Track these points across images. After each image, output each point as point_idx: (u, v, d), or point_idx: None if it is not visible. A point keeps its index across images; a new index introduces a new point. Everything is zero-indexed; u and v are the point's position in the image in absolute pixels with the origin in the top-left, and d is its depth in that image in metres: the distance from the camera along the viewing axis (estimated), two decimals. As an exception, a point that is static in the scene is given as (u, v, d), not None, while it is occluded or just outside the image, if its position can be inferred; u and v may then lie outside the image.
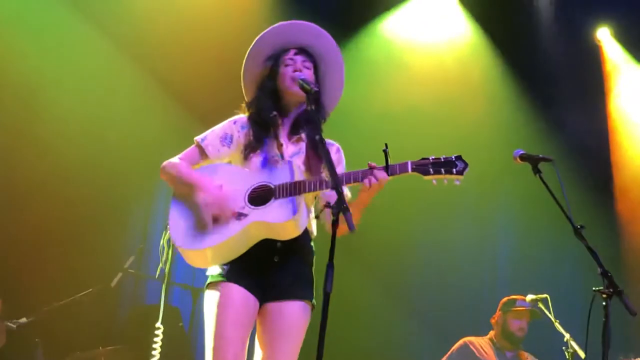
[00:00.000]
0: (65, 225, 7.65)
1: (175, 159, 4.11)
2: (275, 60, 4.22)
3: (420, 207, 8.58)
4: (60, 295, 7.02)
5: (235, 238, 3.84)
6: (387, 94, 9.07)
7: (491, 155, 8.72)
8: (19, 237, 7.48)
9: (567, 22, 9.32)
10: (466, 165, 4.00)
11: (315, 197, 4.16)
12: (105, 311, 7.55)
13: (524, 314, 6.97)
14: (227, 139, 4.14)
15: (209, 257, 3.93)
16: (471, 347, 6.96)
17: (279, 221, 3.82)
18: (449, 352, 7.06)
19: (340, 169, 4.22)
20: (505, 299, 7.13)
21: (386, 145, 3.90)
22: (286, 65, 4.16)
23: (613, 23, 9.39)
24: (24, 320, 6.76)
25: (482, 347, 6.98)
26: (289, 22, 4.27)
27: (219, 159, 4.14)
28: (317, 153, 4.11)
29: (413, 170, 3.93)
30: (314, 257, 4.14)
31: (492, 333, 7.11)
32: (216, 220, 3.87)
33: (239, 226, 3.84)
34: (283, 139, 4.15)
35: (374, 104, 8.98)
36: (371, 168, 3.90)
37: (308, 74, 4.14)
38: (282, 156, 4.08)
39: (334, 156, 4.20)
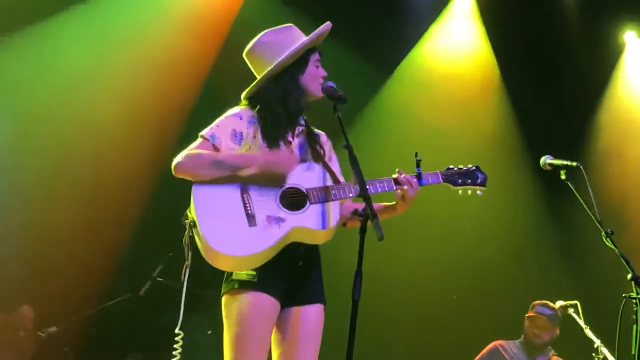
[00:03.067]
0: (94, 234, 7.69)
1: (193, 152, 3.86)
2: (307, 55, 4.10)
3: (449, 212, 8.56)
4: (90, 304, 7.06)
5: (278, 243, 3.75)
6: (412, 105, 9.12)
7: (519, 161, 8.70)
8: (48, 247, 7.53)
9: (594, 26, 9.27)
10: (486, 176, 4.21)
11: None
12: (134, 320, 7.57)
13: (535, 319, 6.91)
14: (237, 137, 3.93)
15: (252, 262, 3.79)
16: (501, 350, 6.92)
17: (322, 228, 3.80)
18: (478, 356, 7.01)
19: (334, 158, 4.21)
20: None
21: (417, 154, 3.92)
22: (317, 67, 4.11)
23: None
24: (53, 329, 6.81)
25: (512, 351, 6.94)
26: (329, 26, 4.15)
27: None
28: (318, 143, 4.13)
29: (444, 180, 4.11)
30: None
31: (523, 337, 7.08)
32: (252, 218, 3.74)
33: (281, 232, 3.75)
34: (290, 135, 4.08)
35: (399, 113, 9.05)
36: (401, 175, 3.93)
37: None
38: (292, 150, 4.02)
39: (327, 146, 4.22)
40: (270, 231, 3.75)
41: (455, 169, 4.18)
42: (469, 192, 4.18)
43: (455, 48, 9.49)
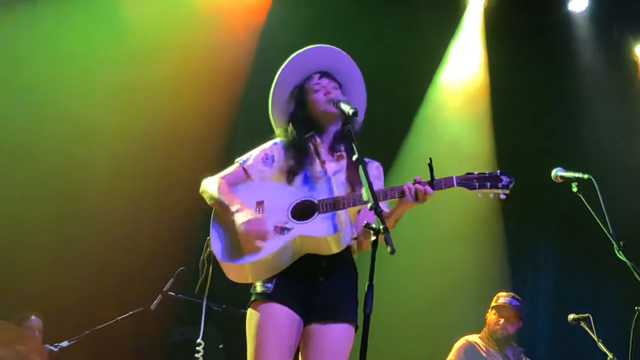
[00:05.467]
0: (106, 249, 7.71)
1: (216, 178, 4.12)
2: (300, 89, 4.28)
3: (459, 222, 8.57)
4: (101, 319, 7.05)
5: (278, 252, 3.83)
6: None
7: (530, 173, 8.68)
8: (60, 262, 7.54)
9: (604, 39, 9.27)
10: (511, 179, 4.04)
11: (357, 213, 4.16)
12: (146, 334, 7.57)
13: (503, 309, 6.86)
14: (268, 160, 4.17)
15: (251, 272, 3.91)
16: (476, 346, 6.86)
17: (323, 235, 3.83)
18: (454, 354, 6.91)
19: (379, 185, 4.22)
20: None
21: (430, 159, 3.91)
22: (316, 91, 4.20)
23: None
24: (65, 343, 6.79)
25: (483, 346, 6.88)
26: (306, 49, 4.31)
27: (262, 180, 4.14)
28: (352, 167, 4.13)
29: (458, 184, 3.99)
30: (357, 277, 4.12)
31: (485, 330, 7.02)
32: (257, 237, 3.83)
33: (283, 240, 3.84)
34: (324, 156, 4.18)
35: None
36: (416, 182, 3.91)
37: (339, 94, 4.17)
38: (325, 173, 4.09)
39: (373, 173, 4.24)
40: (274, 239, 3.85)
41: (476, 173, 4.04)
42: (491, 195, 4.03)
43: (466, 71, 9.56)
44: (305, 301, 3.91)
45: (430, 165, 3.93)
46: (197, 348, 4.00)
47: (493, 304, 6.94)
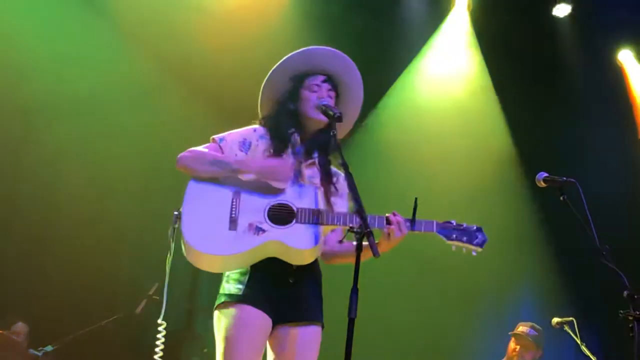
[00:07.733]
0: (91, 253, 7.68)
1: (197, 149, 4.00)
2: (299, 81, 4.19)
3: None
4: (86, 323, 7.04)
5: (250, 252, 3.77)
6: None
7: (515, 177, 8.71)
8: (45, 266, 7.52)
9: (588, 44, 9.31)
10: (485, 239, 4.03)
11: (331, 231, 4.15)
12: (131, 338, 7.56)
13: (519, 337, 6.99)
14: (245, 145, 4.05)
15: (218, 265, 3.86)
16: None
17: (300, 247, 3.79)
18: None
19: (345, 196, 4.15)
20: None
21: (416, 199, 3.87)
22: (312, 91, 4.14)
23: (635, 45, 9.39)
24: (49, 348, 6.77)
25: None
26: (322, 48, 4.24)
27: None
28: (329, 180, 4.12)
29: (438, 231, 3.97)
30: (321, 277, 4.11)
31: (505, 357, 7.13)
32: (233, 222, 3.79)
33: (256, 241, 3.77)
34: (299, 158, 4.11)
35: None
36: (395, 217, 3.86)
37: (331, 102, 4.12)
38: (299, 175, 4.04)
39: (339, 183, 4.18)
40: (246, 238, 3.78)
41: (455, 223, 4.02)
42: (464, 250, 4.00)
43: (450, 69, 9.56)
44: (275, 303, 3.89)
45: (415, 205, 3.87)
46: (159, 328, 3.96)
47: (513, 332, 7.07)
